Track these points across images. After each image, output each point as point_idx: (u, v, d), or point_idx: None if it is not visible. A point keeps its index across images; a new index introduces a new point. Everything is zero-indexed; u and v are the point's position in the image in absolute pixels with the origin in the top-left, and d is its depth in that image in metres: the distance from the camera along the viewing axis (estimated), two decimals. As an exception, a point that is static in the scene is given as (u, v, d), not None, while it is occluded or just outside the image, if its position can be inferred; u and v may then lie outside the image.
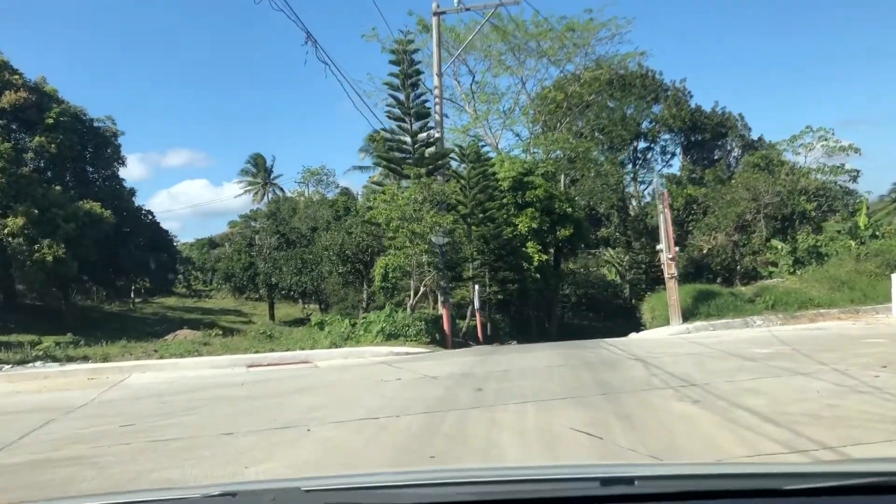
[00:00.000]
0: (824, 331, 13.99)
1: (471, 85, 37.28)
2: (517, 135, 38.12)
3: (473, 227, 24.96)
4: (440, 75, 22.55)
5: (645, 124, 48.37)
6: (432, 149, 22.33)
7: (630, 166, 50.93)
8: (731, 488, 1.69)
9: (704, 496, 1.63)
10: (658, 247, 17.58)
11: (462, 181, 25.19)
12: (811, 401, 6.98)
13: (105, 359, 14.99)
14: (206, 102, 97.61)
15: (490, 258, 28.40)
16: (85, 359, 15.06)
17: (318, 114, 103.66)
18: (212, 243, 65.81)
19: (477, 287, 27.45)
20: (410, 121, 21.83)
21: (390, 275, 20.81)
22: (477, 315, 27.91)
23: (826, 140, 31.12)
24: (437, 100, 22.40)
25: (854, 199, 29.73)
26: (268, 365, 14.03)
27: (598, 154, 36.91)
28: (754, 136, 50.16)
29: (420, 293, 19.21)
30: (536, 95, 38.21)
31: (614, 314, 41.58)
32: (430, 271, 19.54)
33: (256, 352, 15.11)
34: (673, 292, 16.69)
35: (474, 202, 25.07)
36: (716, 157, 48.80)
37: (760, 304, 17.28)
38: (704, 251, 27.43)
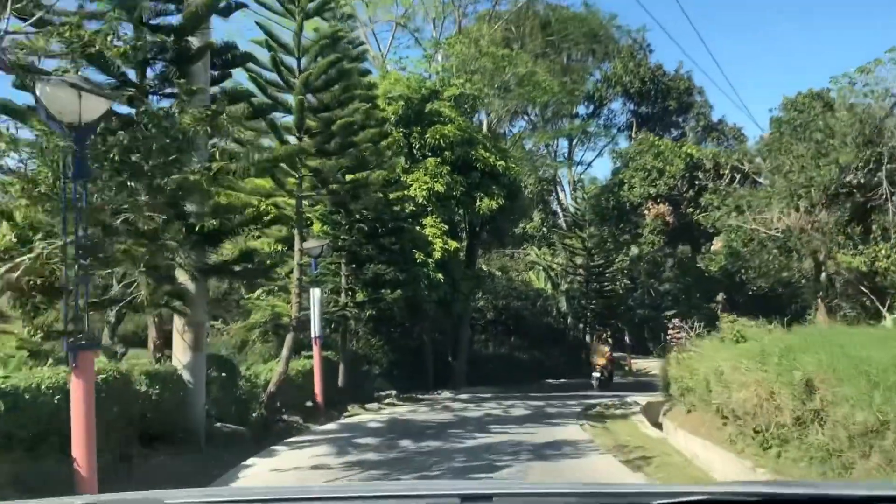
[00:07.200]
0: None
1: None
2: (415, 33, 24.66)
3: (308, 158, 11.29)
4: None
5: (590, 86, 36.45)
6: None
7: (565, 143, 39.07)
8: (587, 502, 1.69)
9: None
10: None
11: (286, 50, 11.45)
12: None
13: None
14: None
15: (351, 237, 14.88)
16: None
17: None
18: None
19: (317, 293, 13.66)
20: None
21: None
22: (315, 348, 14.08)
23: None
24: None
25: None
26: None
27: (549, 81, 23.76)
28: (715, 117, 39.77)
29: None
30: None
31: (544, 339, 29.00)
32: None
33: None
34: None
35: (312, 90, 11.35)
36: (673, 138, 37.33)
37: None
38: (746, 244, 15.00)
